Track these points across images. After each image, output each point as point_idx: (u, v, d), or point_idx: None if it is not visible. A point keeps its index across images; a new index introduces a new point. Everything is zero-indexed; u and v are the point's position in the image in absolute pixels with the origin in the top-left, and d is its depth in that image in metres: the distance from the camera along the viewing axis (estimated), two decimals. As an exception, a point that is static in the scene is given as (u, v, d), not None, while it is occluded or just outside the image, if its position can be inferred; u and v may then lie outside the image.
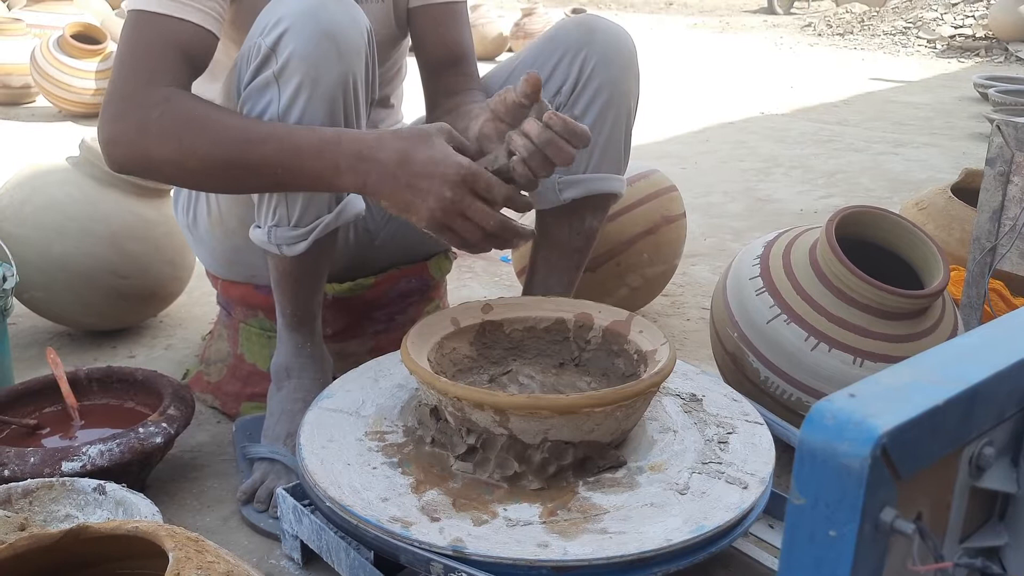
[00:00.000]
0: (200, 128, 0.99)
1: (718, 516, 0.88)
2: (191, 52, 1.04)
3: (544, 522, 0.87)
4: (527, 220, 1.78)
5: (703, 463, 0.97)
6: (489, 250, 1.00)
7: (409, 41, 1.36)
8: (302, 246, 1.11)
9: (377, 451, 0.99)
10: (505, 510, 0.89)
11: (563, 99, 1.24)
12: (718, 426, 1.05)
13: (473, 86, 1.30)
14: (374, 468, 0.95)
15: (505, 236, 0.97)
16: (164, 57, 1.02)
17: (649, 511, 0.89)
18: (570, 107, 1.23)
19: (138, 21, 1.04)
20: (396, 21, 1.30)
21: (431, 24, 1.29)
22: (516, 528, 0.86)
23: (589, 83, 1.20)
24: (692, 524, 0.87)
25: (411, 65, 1.40)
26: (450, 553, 0.83)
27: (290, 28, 1.00)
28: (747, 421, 1.07)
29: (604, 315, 1.12)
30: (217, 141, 0.99)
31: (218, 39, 1.07)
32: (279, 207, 1.09)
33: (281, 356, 1.21)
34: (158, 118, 0.99)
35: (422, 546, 0.84)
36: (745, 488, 0.93)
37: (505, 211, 1.00)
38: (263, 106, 1.03)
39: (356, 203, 1.12)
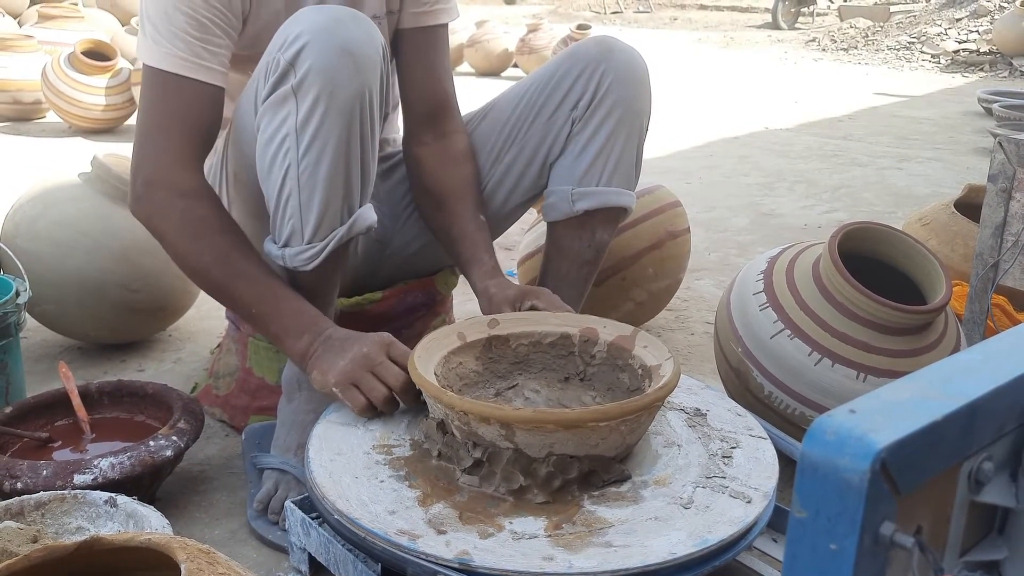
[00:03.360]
0: (208, 244, 1.10)
1: (722, 530, 0.89)
2: (209, 121, 1.15)
3: (549, 535, 0.88)
4: (539, 233, 1.80)
5: (707, 477, 0.98)
6: (381, 414, 1.06)
7: None
8: (316, 261, 1.12)
9: (384, 464, 0.99)
10: (511, 523, 0.90)
11: (579, 113, 1.27)
12: (722, 440, 1.05)
13: (456, 128, 1.35)
14: (381, 481, 0.96)
15: (406, 399, 1.06)
16: (188, 132, 1.13)
17: (653, 525, 0.89)
18: (585, 121, 1.27)
19: (158, 83, 1.12)
20: (390, 42, 1.33)
21: (414, 47, 1.33)
22: (522, 541, 0.87)
23: (605, 99, 1.26)
24: (696, 538, 0.87)
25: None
26: (456, 566, 0.83)
27: (309, 43, 1.02)
28: (751, 435, 1.07)
29: (609, 330, 1.13)
30: (216, 261, 1.10)
31: (224, 91, 1.15)
32: (292, 220, 1.10)
33: (292, 367, 1.22)
34: (180, 213, 1.11)
35: (428, 558, 0.84)
36: (749, 502, 0.93)
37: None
38: (281, 119, 1.05)
39: (367, 215, 1.14)
